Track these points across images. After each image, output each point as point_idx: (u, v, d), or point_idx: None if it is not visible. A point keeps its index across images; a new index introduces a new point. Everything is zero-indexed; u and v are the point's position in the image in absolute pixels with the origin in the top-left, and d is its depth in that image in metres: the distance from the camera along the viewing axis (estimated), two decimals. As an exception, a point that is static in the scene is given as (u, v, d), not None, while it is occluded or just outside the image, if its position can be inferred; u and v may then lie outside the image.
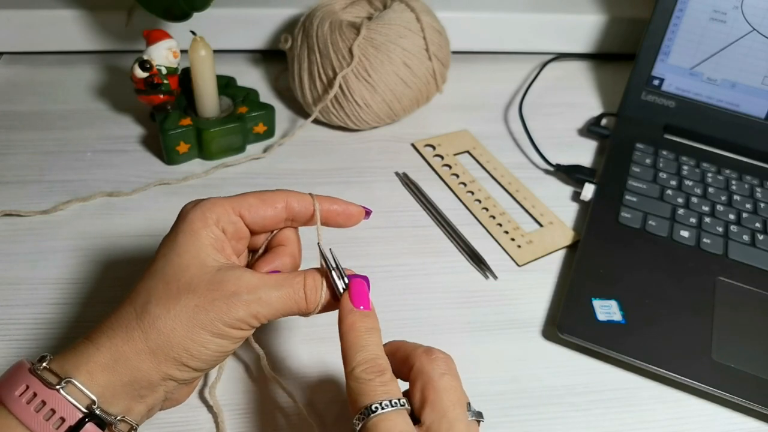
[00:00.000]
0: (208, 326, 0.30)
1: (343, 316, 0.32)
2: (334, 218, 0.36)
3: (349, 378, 0.30)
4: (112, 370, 0.29)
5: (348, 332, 0.31)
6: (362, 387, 0.29)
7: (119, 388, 0.29)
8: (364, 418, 0.28)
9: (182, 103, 0.56)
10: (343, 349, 0.31)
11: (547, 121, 0.66)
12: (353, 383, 0.29)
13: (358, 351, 0.30)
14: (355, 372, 0.30)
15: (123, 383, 0.29)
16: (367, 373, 0.29)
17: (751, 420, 0.42)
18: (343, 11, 0.62)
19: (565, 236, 0.53)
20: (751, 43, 0.59)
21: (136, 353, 0.30)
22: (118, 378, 0.29)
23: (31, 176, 0.53)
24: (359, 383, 0.29)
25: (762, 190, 0.58)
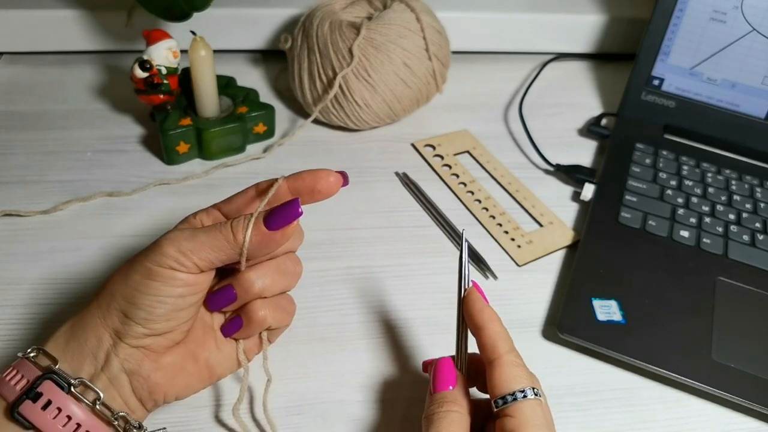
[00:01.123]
0: (139, 269, 0.31)
1: (479, 308, 0.34)
2: (308, 191, 0.34)
3: (498, 363, 0.32)
4: (70, 332, 0.32)
5: (490, 322, 0.33)
6: (513, 371, 0.31)
7: (76, 349, 0.31)
8: (512, 401, 0.31)
9: (182, 103, 0.56)
10: (486, 336, 0.33)
11: (547, 121, 0.66)
12: (504, 368, 0.32)
13: (506, 339, 0.33)
14: (505, 358, 0.32)
15: (79, 343, 0.31)
16: (517, 361, 0.32)
17: (751, 420, 0.42)
18: (343, 11, 0.62)
19: (565, 236, 0.53)
20: (751, 43, 0.59)
21: (87, 311, 0.32)
22: (75, 339, 0.31)
23: (31, 176, 0.53)
24: (511, 367, 0.32)
25: (762, 190, 0.58)
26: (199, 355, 0.34)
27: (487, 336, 0.33)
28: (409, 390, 0.41)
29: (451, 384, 0.33)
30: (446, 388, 0.33)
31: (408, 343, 0.44)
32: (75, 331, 0.32)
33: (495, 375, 0.32)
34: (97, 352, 0.31)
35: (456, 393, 0.33)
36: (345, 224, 0.52)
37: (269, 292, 0.35)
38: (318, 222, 0.52)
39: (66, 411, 0.30)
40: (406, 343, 0.44)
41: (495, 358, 0.32)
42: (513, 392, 0.31)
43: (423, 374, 0.42)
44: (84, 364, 0.31)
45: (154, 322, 0.31)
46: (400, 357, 0.43)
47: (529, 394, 0.31)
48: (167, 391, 0.33)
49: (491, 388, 0.32)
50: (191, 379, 0.34)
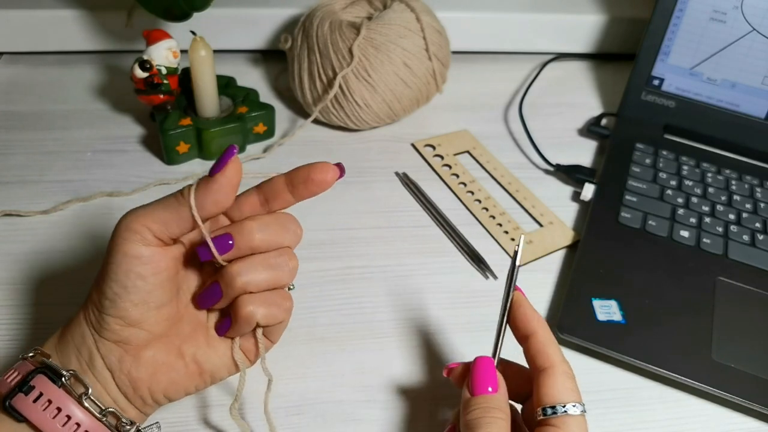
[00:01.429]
0: (111, 248, 0.31)
1: (530, 314, 0.34)
2: (302, 180, 0.33)
3: (552, 372, 0.32)
4: (64, 330, 0.33)
5: (541, 329, 0.33)
6: (566, 383, 0.31)
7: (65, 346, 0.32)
8: (562, 413, 0.31)
9: (182, 103, 0.56)
10: (538, 343, 0.33)
11: (547, 121, 0.66)
12: (558, 377, 0.31)
13: (558, 348, 0.33)
14: (559, 367, 0.32)
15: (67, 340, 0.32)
16: (570, 372, 0.32)
17: (751, 420, 0.42)
18: (343, 11, 0.62)
19: (565, 236, 0.53)
20: (751, 43, 0.59)
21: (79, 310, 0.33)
22: (64, 336, 0.32)
23: (31, 176, 0.53)
24: (565, 378, 0.32)
25: (762, 190, 0.58)
26: (186, 351, 0.33)
27: (540, 343, 0.33)
28: (409, 390, 0.41)
29: (493, 386, 0.32)
30: (486, 391, 0.32)
31: (408, 343, 0.44)
32: (66, 329, 0.32)
33: (548, 383, 0.31)
34: (81, 348, 0.31)
35: (500, 397, 0.32)
36: (345, 224, 0.52)
37: (255, 286, 0.32)
38: (318, 222, 0.52)
39: (57, 403, 0.30)
40: (407, 343, 0.44)
41: (548, 366, 0.32)
42: (564, 404, 0.31)
43: (424, 374, 0.42)
44: (71, 360, 0.31)
45: (122, 309, 0.31)
46: (400, 357, 0.43)
47: (578, 409, 0.31)
48: (151, 386, 0.32)
49: (540, 396, 0.31)
50: (177, 375, 0.33)
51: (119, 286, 0.30)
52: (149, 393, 0.32)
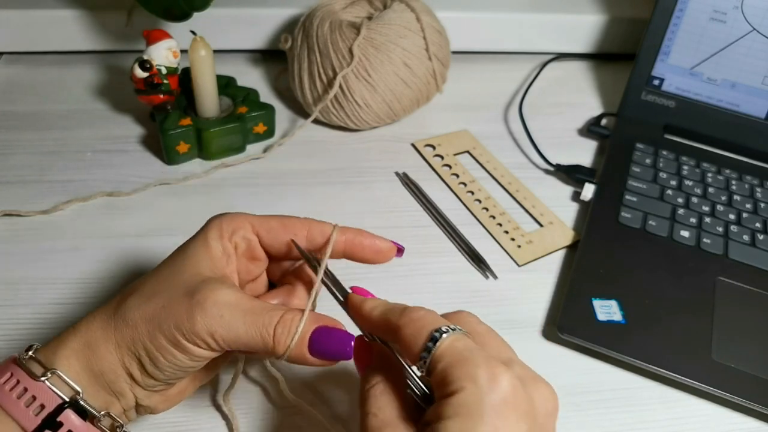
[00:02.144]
0: (165, 331, 0.29)
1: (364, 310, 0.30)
2: (360, 252, 0.34)
3: (398, 333, 0.28)
4: (83, 356, 0.30)
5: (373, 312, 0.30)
6: (413, 327, 0.27)
7: (93, 378, 0.29)
8: (429, 353, 0.26)
9: (182, 103, 0.56)
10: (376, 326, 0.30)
11: (547, 121, 0.66)
12: (404, 330, 0.27)
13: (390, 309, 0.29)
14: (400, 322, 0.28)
15: (95, 372, 0.29)
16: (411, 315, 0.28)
17: (751, 420, 0.42)
18: (343, 11, 0.62)
19: (565, 236, 0.53)
20: (751, 43, 0.59)
21: (105, 340, 0.30)
22: (89, 365, 0.29)
23: (31, 176, 0.53)
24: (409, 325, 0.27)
25: (762, 190, 0.58)
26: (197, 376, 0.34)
27: (377, 324, 0.30)
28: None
29: (368, 360, 0.30)
30: (366, 364, 0.30)
31: (408, 343, 0.44)
32: (90, 360, 0.30)
33: (402, 342, 0.28)
34: (114, 386, 0.30)
35: (372, 368, 0.30)
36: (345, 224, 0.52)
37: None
38: (318, 222, 0.52)
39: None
40: (406, 343, 0.44)
41: (394, 331, 0.28)
42: (423, 346, 0.26)
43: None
44: (99, 394, 0.30)
45: (170, 381, 0.31)
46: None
47: (435, 336, 0.26)
48: (162, 411, 0.33)
49: (410, 358, 0.28)
50: (184, 396, 0.34)
51: (179, 370, 0.30)
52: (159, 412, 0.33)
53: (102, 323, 0.30)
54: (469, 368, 0.25)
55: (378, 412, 0.28)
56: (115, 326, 0.30)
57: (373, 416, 0.28)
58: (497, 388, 0.24)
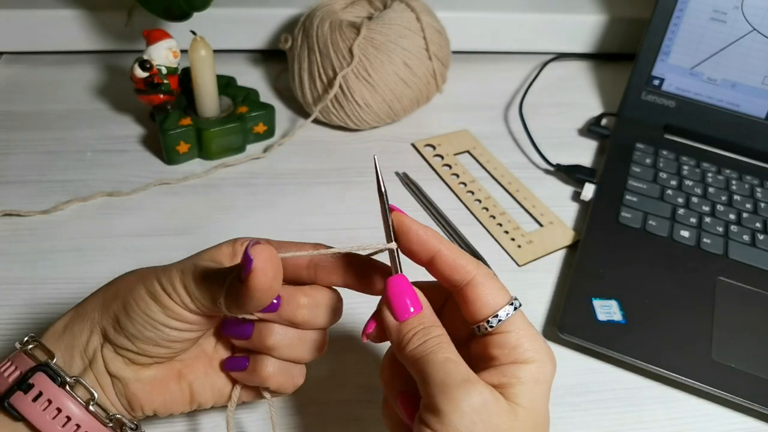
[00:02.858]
0: (147, 284, 0.30)
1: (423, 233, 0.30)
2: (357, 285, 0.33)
3: (475, 282, 0.29)
4: (68, 323, 0.31)
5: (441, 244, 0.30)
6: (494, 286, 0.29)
7: (70, 341, 0.31)
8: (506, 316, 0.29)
9: (182, 103, 0.56)
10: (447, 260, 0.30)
11: (547, 121, 0.66)
12: (485, 284, 0.29)
13: (466, 255, 0.30)
14: (479, 275, 0.29)
15: (73, 334, 0.31)
16: (490, 273, 0.30)
17: (751, 420, 0.42)
18: (343, 11, 0.62)
19: (565, 236, 0.53)
20: (751, 43, 0.59)
21: (90, 305, 0.31)
22: (71, 330, 0.31)
23: (31, 176, 0.53)
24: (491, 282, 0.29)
25: (762, 190, 0.58)
26: (185, 377, 0.33)
27: (449, 258, 0.30)
28: (409, 390, 0.41)
29: (415, 305, 0.29)
30: (410, 312, 0.29)
31: (408, 343, 0.44)
32: (73, 323, 0.31)
33: (478, 295, 0.29)
34: (87, 348, 0.31)
35: (429, 314, 0.29)
36: (345, 224, 0.52)
37: (279, 353, 0.32)
38: (318, 222, 0.52)
39: (56, 403, 0.29)
40: (406, 343, 0.44)
41: (469, 279, 0.29)
42: (504, 307, 0.29)
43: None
44: (74, 357, 0.31)
45: (141, 342, 0.30)
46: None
47: (516, 304, 0.29)
48: (144, 404, 0.32)
49: (476, 310, 0.29)
50: (171, 398, 0.32)
51: (149, 326, 0.30)
52: (141, 408, 0.32)
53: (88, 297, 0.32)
54: (541, 344, 0.29)
55: (457, 359, 0.28)
56: (100, 291, 0.32)
57: (460, 364, 0.27)
58: (555, 366, 0.29)
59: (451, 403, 0.26)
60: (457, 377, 0.26)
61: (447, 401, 0.26)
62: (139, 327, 0.30)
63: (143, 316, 0.30)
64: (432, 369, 0.27)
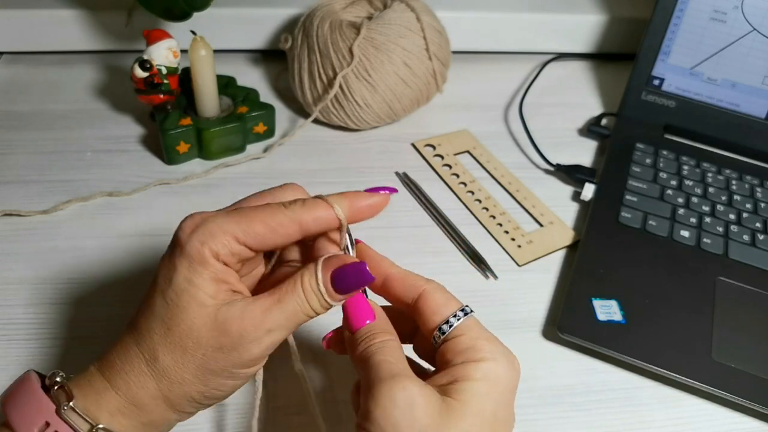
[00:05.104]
0: (220, 373, 0.29)
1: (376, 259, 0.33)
2: (360, 216, 0.32)
3: (424, 296, 0.31)
4: (130, 414, 0.29)
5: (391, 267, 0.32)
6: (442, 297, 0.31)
7: (139, 428, 0.29)
8: (457, 322, 0.29)
9: (182, 102, 0.56)
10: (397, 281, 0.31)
11: (547, 121, 0.66)
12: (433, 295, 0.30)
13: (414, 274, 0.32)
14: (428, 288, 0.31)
15: (142, 423, 0.29)
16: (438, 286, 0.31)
17: (751, 420, 0.42)
18: (343, 11, 0.62)
19: (565, 236, 0.53)
20: (751, 43, 0.59)
21: (152, 399, 0.29)
22: (137, 420, 0.29)
23: (31, 176, 0.53)
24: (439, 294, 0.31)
25: (762, 190, 0.58)
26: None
27: (399, 279, 0.31)
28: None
29: (369, 317, 0.30)
30: (364, 323, 0.30)
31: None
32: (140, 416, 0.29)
33: (427, 307, 0.30)
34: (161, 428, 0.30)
35: (381, 323, 0.30)
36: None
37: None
38: (318, 222, 0.52)
39: None
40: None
41: (419, 294, 0.31)
42: (454, 313, 0.30)
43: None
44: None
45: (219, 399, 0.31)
46: (400, 357, 0.43)
47: (468, 310, 0.30)
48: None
49: (428, 323, 0.30)
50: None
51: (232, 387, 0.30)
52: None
53: (138, 382, 0.29)
54: (498, 346, 0.29)
55: (398, 362, 0.28)
56: (159, 386, 0.29)
57: (393, 363, 0.28)
58: (515, 368, 0.29)
59: (375, 401, 0.26)
60: (384, 374, 0.27)
61: (372, 400, 0.26)
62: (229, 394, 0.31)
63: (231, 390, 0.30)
64: (367, 371, 0.28)
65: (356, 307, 0.31)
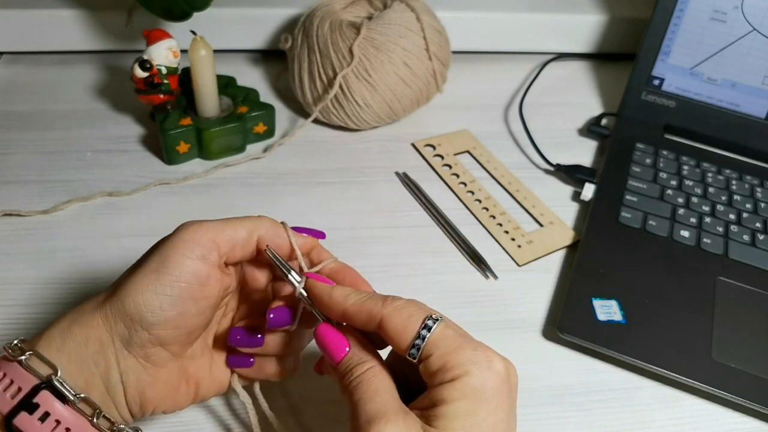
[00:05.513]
0: (155, 260, 0.30)
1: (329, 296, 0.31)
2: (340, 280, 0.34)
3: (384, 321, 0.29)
4: (67, 331, 0.29)
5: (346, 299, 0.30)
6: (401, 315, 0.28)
7: (75, 352, 0.29)
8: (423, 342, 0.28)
9: (182, 102, 0.56)
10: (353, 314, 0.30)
11: (547, 121, 0.66)
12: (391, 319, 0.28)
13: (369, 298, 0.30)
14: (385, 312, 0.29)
15: (78, 345, 0.29)
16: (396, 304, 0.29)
17: (751, 420, 0.42)
18: (343, 11, 0.62)
19: (565, 236, 0.53)
20: (751, 43, 0.59)
21: (92, 313, 0.30)
22: (73, 340, 0.29)
23: (31, 176, 0.53)
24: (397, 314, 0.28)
25: (762, 190, 0.58)
26: (192, 375, 0.33)
27: (354, 309, 0.30)
28: (409, 390, 0.41)
29: (344, 346, 0.30)
30: (344, 352, 0.30)
31: (408, 343, 0.44)
32: (74, 332, 0.29)
33: (390, 335, 0.28)
34: (98, 358, 0.29)
35: (355, 352, 0.30)
36: (345, 224, 0.52)
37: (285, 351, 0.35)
38: (318, 222, 0.52)
39: (65, 424, 0.28)
40: (406, 343, 0.44)
41: (378, 320, 0.29)
42: (417, 334, 0.28)
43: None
44: (82, 369, 0.29)
45: (162, 326, 0.30)
46: (400, 357, 0.43)
47: (430, 324, 0.28)
48: (156, 407, 0.32)
49: (397, 346, 0.28)
50: (180, 397, 0.33)
51: (170, 304, 0.30)
52: (152, 409, 0.32)
53: (91, 301, 0.31)
54: (467, 353, 0.27)
55: (376, 396, 0.27)
56: (100, 299, 0.30)
57: (369, 401, 0.27)
58: (495, 370, 0.27)
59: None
60: (362, 419, 0.27)
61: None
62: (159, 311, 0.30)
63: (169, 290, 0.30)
64: (351, 410, 0.28)
65: (330, 340, 0.30)
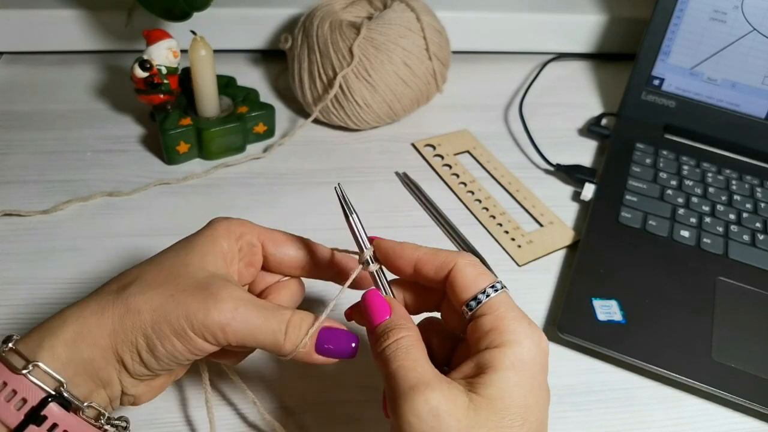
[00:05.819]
0: (173, 321, 0.29)
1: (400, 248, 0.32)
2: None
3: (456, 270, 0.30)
4: (72, 345, 0.28)
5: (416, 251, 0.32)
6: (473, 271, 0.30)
7: (80, 367, 0.28)
8: (486, 299, 0.29)
9: (182, 102, 0.56)
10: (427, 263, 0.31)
11: (547, 121, 0.66)
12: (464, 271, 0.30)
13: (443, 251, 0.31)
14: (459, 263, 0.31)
15: (83, 359, 0.28)
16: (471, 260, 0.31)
17: (751, 420, 0.42)
18: (343, 11, 0.62)
19: (565, 236, 0.53)
20: (751, 43, 0.59)
21: (99, 327, 0.29)
22: (77, 353, 0.28)
23: (31, 176, 0.53)
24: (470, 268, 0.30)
25: (762, 190, 0.58)
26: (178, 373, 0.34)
27: (429, 261, 0.31)
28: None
29: (387, 313, 0.31)
30: (384, 318, 0.30)
31: (408, 343, 0.44)
32: (79, 348, 0.28)
33: (458, 281, 0.30)
34: (101, 374, 0.29)
35: (396, 318, 0.30)
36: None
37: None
38: (318, 222, 0.52)
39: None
40: (406, 343, 0.44)
41: (450, 269, 0.31)
42: (483, 290, 0.29)
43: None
44: (87, 382, 0.29)
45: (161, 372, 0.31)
46: (400, 357, 0.43)
47: (498, 286, 0.30)
48: (145, 400, 0.32)
49: (458, 297, 0.30)
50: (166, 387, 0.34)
51: (174, 362, 0.30)
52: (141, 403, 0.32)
53: (97, 310, 0.29)
54: (523, 324, 0.29)
55: (415, 365, 0.28)
56: (114, 312, 0.29)
57: (410, 370, 0.27)
58: (543, 348, 0.28)
59: (401, 417, 0.26)
60: (403, 387, 0.27)
61: (398, 417, 0.27)
62: (163, 363, 0.30)
63: (168, 356, 0.29)
64: (388, 380, 0.28)
65: (374, 303, 0.31)
